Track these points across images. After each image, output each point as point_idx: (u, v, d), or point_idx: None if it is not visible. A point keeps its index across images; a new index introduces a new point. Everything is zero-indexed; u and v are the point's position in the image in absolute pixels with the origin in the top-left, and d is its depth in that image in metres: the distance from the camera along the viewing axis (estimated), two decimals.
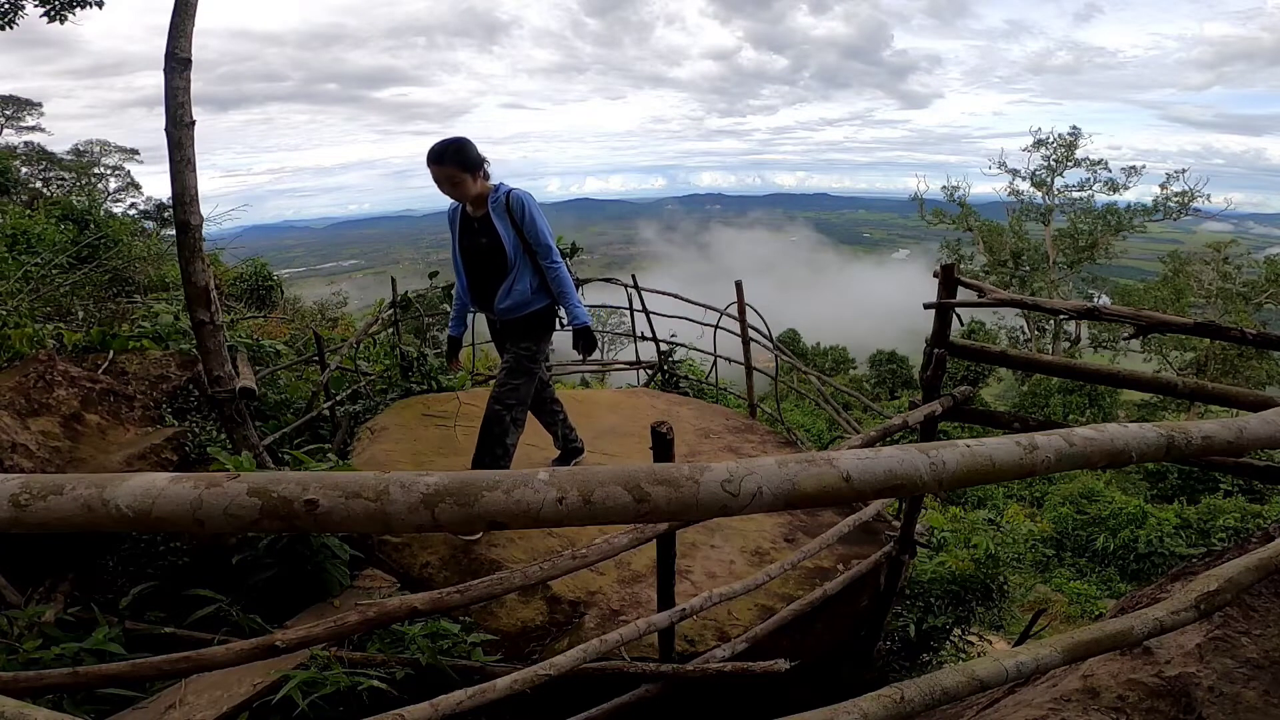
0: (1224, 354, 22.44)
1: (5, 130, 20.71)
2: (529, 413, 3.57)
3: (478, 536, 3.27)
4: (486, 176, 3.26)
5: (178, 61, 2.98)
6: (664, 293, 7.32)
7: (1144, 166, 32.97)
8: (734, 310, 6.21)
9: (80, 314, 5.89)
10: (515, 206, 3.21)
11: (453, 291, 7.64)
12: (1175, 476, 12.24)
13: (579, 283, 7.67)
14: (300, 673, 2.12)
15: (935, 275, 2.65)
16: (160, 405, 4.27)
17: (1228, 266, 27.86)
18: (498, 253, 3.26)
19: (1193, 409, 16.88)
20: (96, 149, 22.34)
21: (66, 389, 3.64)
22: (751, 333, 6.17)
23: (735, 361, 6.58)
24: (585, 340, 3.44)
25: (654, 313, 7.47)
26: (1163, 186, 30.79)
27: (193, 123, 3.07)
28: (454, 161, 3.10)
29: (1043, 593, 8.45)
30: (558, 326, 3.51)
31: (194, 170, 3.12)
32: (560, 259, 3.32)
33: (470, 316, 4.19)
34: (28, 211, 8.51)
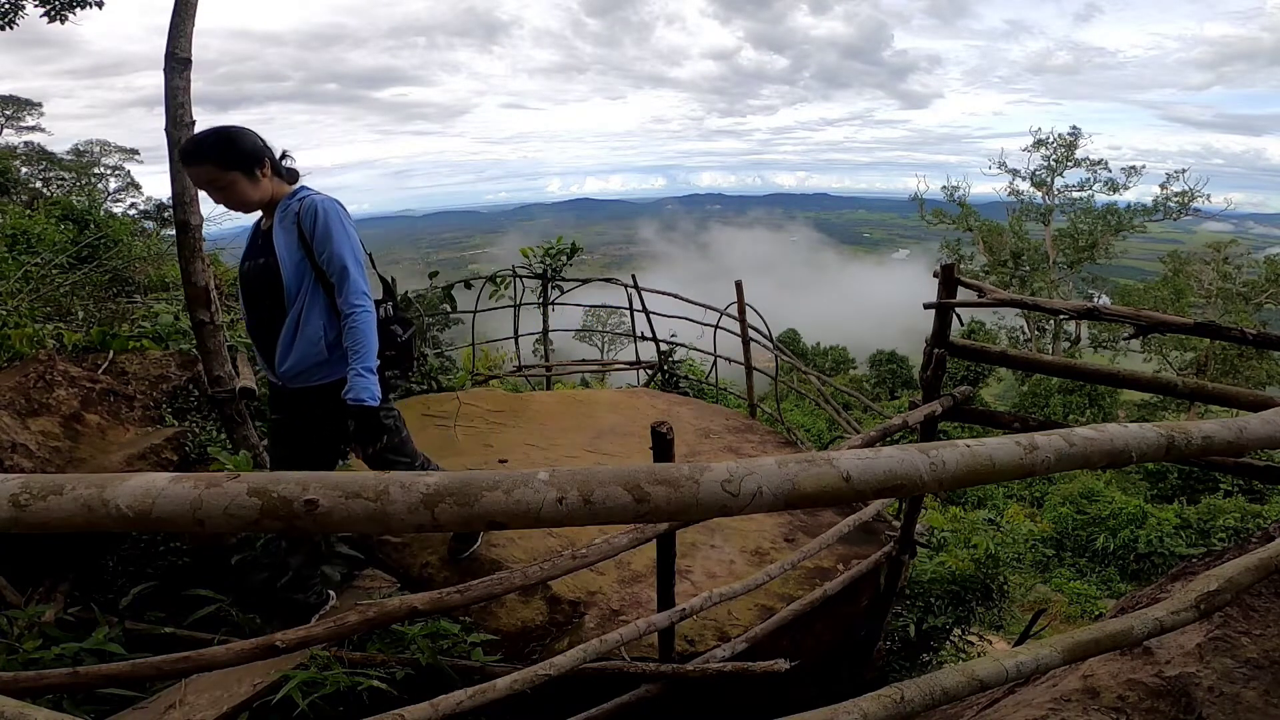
0: (1224, 354, 22.45)
1: (5, 130, 20.73)
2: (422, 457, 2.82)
3: (474, 549, 3.15)
4: (288, 177, 2.41)
5: (178, 61, 2.99)
6: (664, 293, 7.33)
7: (1144, 166, 33.02)
8: (734, 310, 6.22)
9: (80, 314, 5.89)
10: (307, 215, 2.29)
11: (450, 290, 7.59)
12: (1175, 476, 12.24)
13: (574, 284, 7.62)
14: (300, 673, 2.12)
15: (935, 275, 2.65)
16: (160, 405, 4.27)
17: (1228, 266, 27.87)
18: (273, 280, 2.32)
19: (1193, 409, 16.88)
20: (96, 149, 22.36)
21: (66, 389, 3.64)
22: (751, 333, 6.17)
23: (735, 361, 6.58)
24: (363, 427, 2.29)
25: (654, 313, 7.47)
26: (1163, 186, 30.81)
27: (193, 123, 3.07)
28: (214, 157, 2.21)
29: (1043, 593, 8.45)
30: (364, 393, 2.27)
31: None
32: (366, 300, 2.31)
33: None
34: (28, 211, 8.51)
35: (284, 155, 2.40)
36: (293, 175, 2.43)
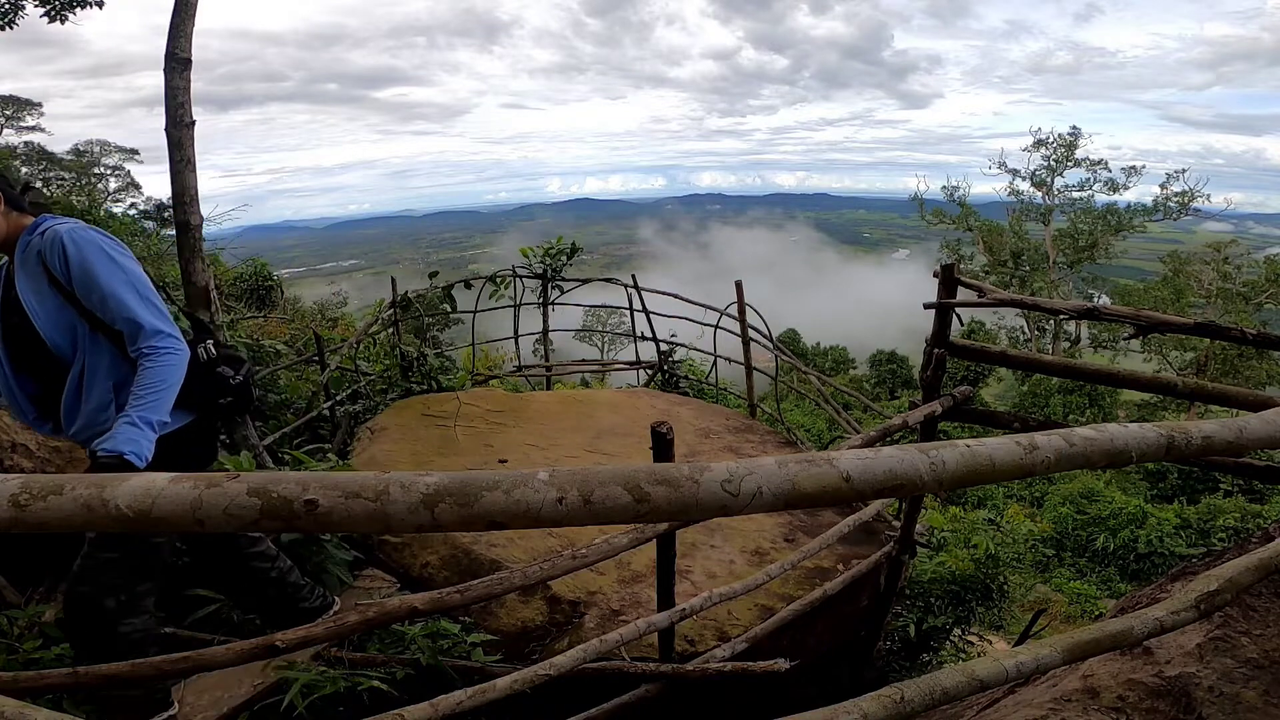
0: (1224, 354, 22.44)
1: (5, 130, 20.72)
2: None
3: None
4: (32, 210, 1.94)
5: (178, 61, 2.99)
6: (664, 293, 7.33)
7: (1144, 166, 32.97)
8: (734, 310, 6.22)
9: None
10: (52, 253, 1.84)
11: (450, 290, 7.58)
12: (1175, 476, 12.23)
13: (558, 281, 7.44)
14: (301, 673, 2.12)
15: (935, 275, 2.65)
16: None
17: (1228, 266, 27.84)
18: (33, 341, 1.88)
19: (1193, 409, 16.87)
20: (96, 149, 22.36)
21: None
22: (751, 333, 6.17)
23: (735, 361, 6.59)
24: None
25: (654, 313, 7.48)
26: (1163, 186, 30.79)
27: (193, 123, 3.07)
28: None
29: (1043, 593, 8.45)
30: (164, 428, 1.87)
31: (194, 170, 3.12)
32: (168, 340, 1.89)
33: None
34: None
35: (25, 188, 1.99)
36: (38, 207, 1.98)
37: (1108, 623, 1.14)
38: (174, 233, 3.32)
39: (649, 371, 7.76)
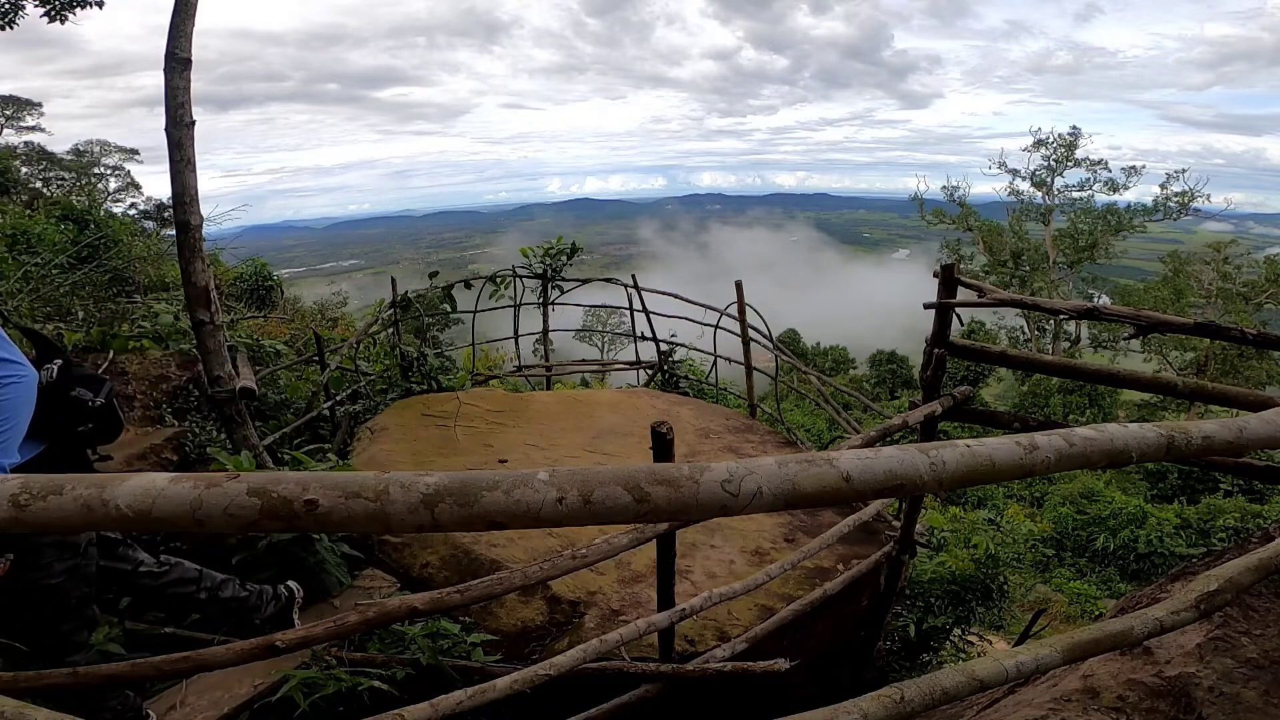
0: (1224, 354, 22.42)
1: (5, 130, 20.72)
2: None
3: None
4: None
5: (178, 61, 2.99)
6: (664, 293, 7.33)
7: (1144, 166, 32.89)
8: (734, 310, 6.22)
9: (80, 314, 5.90)
10: None
11: (450, 290, 7.58)
12: (1175, 476, 12.23)
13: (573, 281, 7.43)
14: (301, 673, 2.12)
15: (935, 275, 2.65)
16: (160, 405, 4.28)
17: (1228, 266, 27.83)
18: None
19: (1193, 409, 16.87)
20: (96, 149, 22.35)
21: None
22: (751, 333, 6.17)
23: (735, 361, 6.59)
24: None
25: (654, 313, 7.48)
26: (1163, 186, 30.76)
27: (193, 123, 3.08)
28: None
29: (1043, 593, 8.45)
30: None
31: (194, 170, 3.13)
32: (7, 369, 1.71)
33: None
34: (28, 211, 8.54)
35: None
36: None
37: (1108, 623, 1.14)
38: (174, 233, 3.32)
39: (649, 371, 7.76)
